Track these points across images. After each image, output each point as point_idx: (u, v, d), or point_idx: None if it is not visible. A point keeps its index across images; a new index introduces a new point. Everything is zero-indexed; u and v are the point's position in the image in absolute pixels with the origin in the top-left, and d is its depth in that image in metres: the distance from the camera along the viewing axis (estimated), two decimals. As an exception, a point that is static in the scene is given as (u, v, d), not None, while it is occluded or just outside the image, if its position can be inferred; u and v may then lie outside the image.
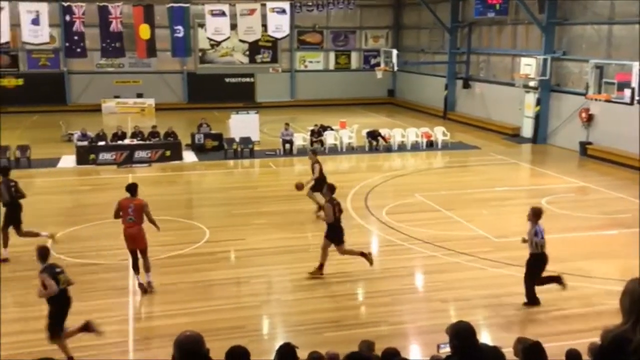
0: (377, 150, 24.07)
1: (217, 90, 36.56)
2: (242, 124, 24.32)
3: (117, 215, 10.68)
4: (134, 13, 25.06)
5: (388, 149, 24.16)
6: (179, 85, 37.30)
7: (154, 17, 25.17)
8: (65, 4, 24.85)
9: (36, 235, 12.42)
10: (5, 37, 24.36)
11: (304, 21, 37.24)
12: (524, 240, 9.95)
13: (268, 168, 21.53)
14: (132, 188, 10.80)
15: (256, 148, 23.42)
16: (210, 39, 26.66)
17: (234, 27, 25.75)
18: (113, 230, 13.81)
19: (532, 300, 9.96)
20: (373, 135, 24.48)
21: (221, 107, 32.72)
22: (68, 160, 21.75)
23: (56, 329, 8.18)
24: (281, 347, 4.92)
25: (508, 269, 11.64)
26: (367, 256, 11.45)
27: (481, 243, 13.20)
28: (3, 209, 12.53)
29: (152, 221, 10.72)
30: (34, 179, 19.76)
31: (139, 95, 34.90)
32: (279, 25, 25.64)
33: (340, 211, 11.35)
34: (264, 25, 25.84)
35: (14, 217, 12.37)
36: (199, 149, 23.48)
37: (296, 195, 17.68)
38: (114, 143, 22.15)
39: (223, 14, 24.89)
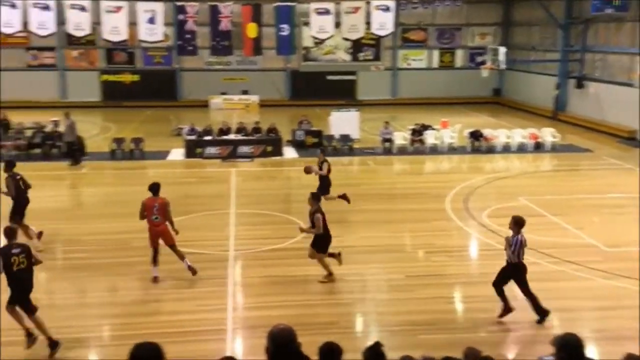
0: (479, 151, 23.36)
1: (319, 88, 36.95)
2: (342, 122, 24.42)
3: (142, 216, 10.81)
4: (243, 12, 25.85)
5: (491, 150, 23.38)
6: (282, 82, 38.06)
7: (261, 15, 25.84)
8: (179, 4, 26.04)
9: (27, 228, 12.51)
10: (124, 35, 25.92)
11: (408, 18, 36.80)
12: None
13: (367, 166, 21.48)
14: (154, 187, 10.89)
15: (355, 146, 23.44)
16: (315, 37, 26.99)
17: (337, 25, 25.91)
18: (216, 222, 14.37)
19: (540, 313, 9.35)
20: (476, 135, 23.79)
21: (322, 104, 33.04)
22: (177, 153, 22.78)
23: (11, 305, 8.40)
24: (371, 346, 4.85)
25: (619, 281, 10.91)
26: (336, 256, 11.08)
27: (590, 252, 12.46)
28: (9, 202, 12.76)
29: (170, 221, 10.89)
30: (146, 170, 20.86)
31: (244, 92, 35.93)
32: (383, 23, 25.52)
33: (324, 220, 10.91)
34: (368, 23, 25.80)
35: (19, 210, 12.59)
36: (299, 145, 23.83)
37: (395, 194, 17.55)
38: (219, 138, 22.93)
39: (328, 12, 25.12)
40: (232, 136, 23.11)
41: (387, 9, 25.39)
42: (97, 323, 9.39)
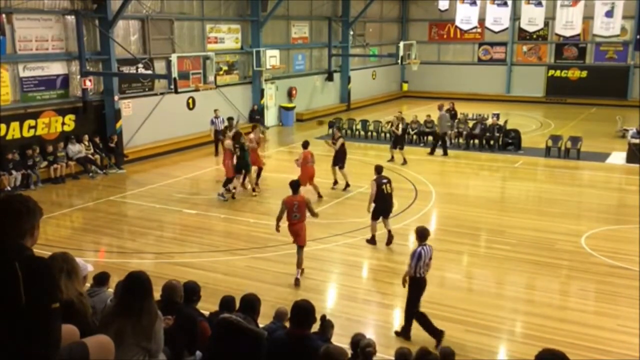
0: None
1: None
2: None
3: (281, 215, 10.70)
4: None
5: None
6: None
7: None
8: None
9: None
10: (577, 30, 25.10)
11: None
12: None
13: None
14: (293, 185, 10.76)
15: None
16: None
17: None
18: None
19: (404, 330, 8.68)
20: None
21: None
22: (618, 157, 21.06)
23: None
24: None
25: None
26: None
27: None
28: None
29: (313, 213, 10.98)
30: (580, 171, 19.93)
31: None
32: None
33: None
34: None
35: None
36: None
37: None
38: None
39: None
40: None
41: None
42: (509, 316, 9.49)
